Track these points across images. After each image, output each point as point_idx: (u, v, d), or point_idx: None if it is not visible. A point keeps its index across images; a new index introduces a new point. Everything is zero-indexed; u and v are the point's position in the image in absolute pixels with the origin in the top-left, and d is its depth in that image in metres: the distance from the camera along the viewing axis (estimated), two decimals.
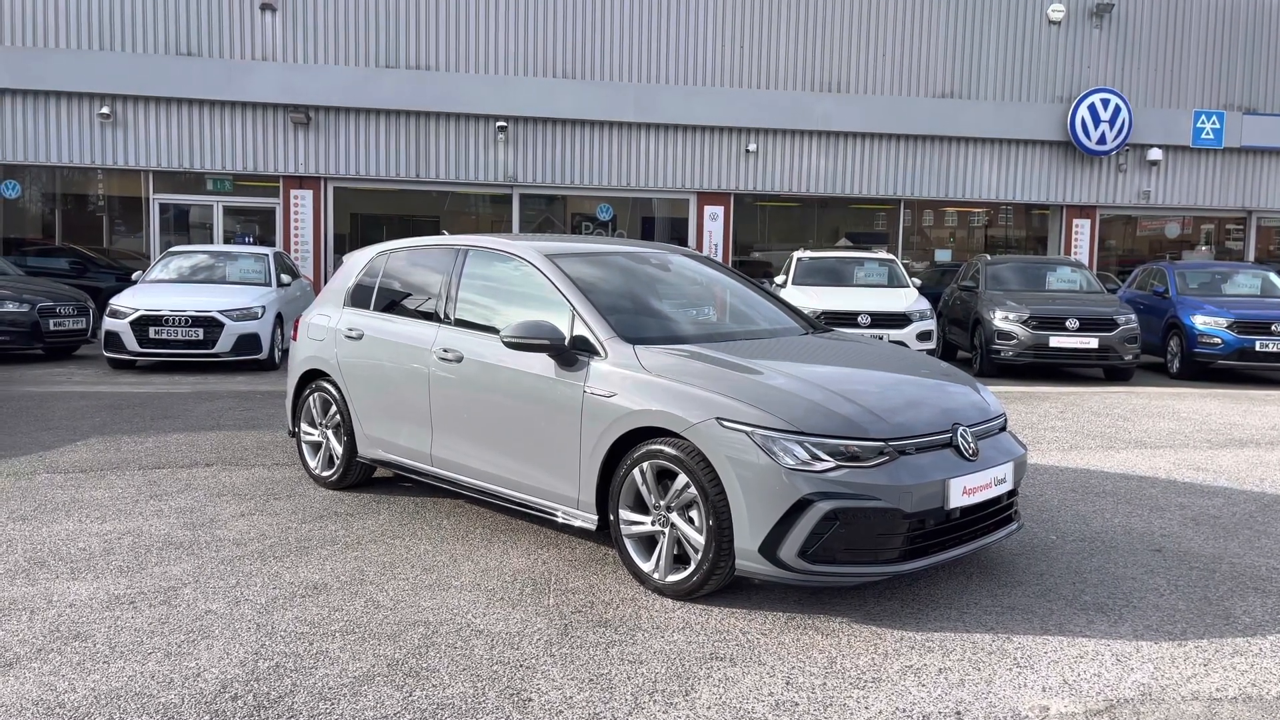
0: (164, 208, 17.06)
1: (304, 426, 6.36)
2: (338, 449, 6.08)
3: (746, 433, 4.03)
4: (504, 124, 17.04)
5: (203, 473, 6.58)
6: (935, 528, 4.15)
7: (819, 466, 3.96)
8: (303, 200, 17.01)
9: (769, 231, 19.98)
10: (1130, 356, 12.72)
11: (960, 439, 4.28)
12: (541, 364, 4.76)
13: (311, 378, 6.30)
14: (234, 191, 17.24)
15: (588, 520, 4.61)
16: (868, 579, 4.09)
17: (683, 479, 4.19)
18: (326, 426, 6.18)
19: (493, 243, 5.49)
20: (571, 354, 4.68)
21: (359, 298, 6.12)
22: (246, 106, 16.70)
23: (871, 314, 12.45)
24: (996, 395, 11.23)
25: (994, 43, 18.72)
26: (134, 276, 13.17)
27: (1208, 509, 6.02)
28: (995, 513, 4.50)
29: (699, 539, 4.16)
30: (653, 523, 4.36)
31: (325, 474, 6.20)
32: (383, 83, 16.80)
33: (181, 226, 17.43)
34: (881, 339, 12.15)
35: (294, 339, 6.59)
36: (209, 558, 4.79)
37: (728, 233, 18.22)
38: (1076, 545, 5.20)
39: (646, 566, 4.37)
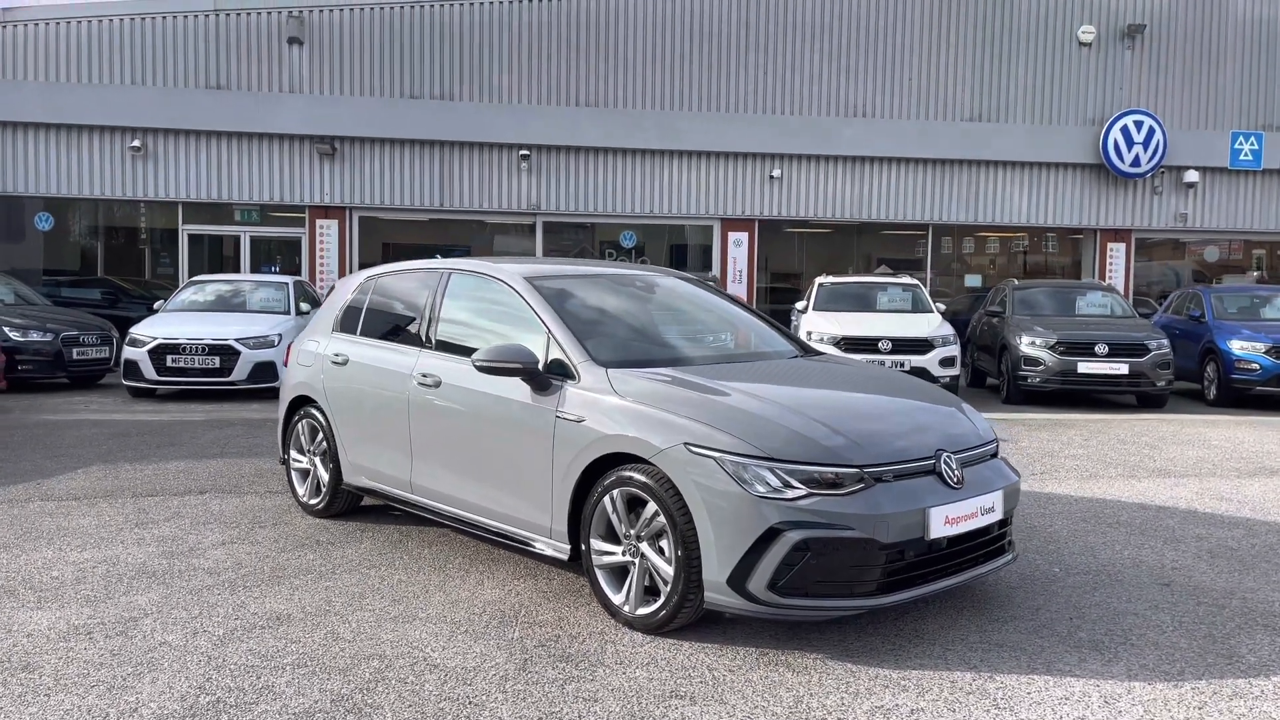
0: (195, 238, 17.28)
1: (293, 453, 6.29)
2: (324, 476, 5.99)
3: (715, 459, 3.86)
4: (527, 153, 17.07)
5: (193, 500, 6.52)
6: (916, 559, 3.95)
7: (790, 494, 3.78)
8: (328, 230, 17.12)
9: (804, 258, 19.81)
10: (1163, 383, 12.34)
11: (944, 466, 4.08)
12: (517, 389, 4.64)
13: (300, 404, 6.23)
14: (262, 222, 17.41)
15: (559, 550, 4.46)
16: (843, 613, 3.89)
17: (652, 507, 4.03)
18: (314, 453, 6.09)
19: (474, 265, 5.40)
20: (545, 378, 4.55)
21: (347, 323, 6.05)
22: (273, 138, 16.88)
23: (893, 340, 12.19)
24: (1021, 422, 11.00)
25: (1023, 65, 18.46)
26: (156, 305, 13.29)
27: (1226, 541, 5.73)
28: (985, 544, 4.28)
29: (668, 570, 3.99)
30: (623, 553, 4.20)
31: (312, 502, 6.11)
32: (407, 113, 16.92)
33: (215, 257, 17.62)
34: (903, 365, 11.95)
35: (285, 365, 6.54)
36: (179, 587, 4.70)
37: (752, 259, 18.06)
38: (1080, 579, 4.95)
39: (617, 599, 4.21)
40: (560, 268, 5.47)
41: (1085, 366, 12.26)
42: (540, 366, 4.57)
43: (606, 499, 4.20)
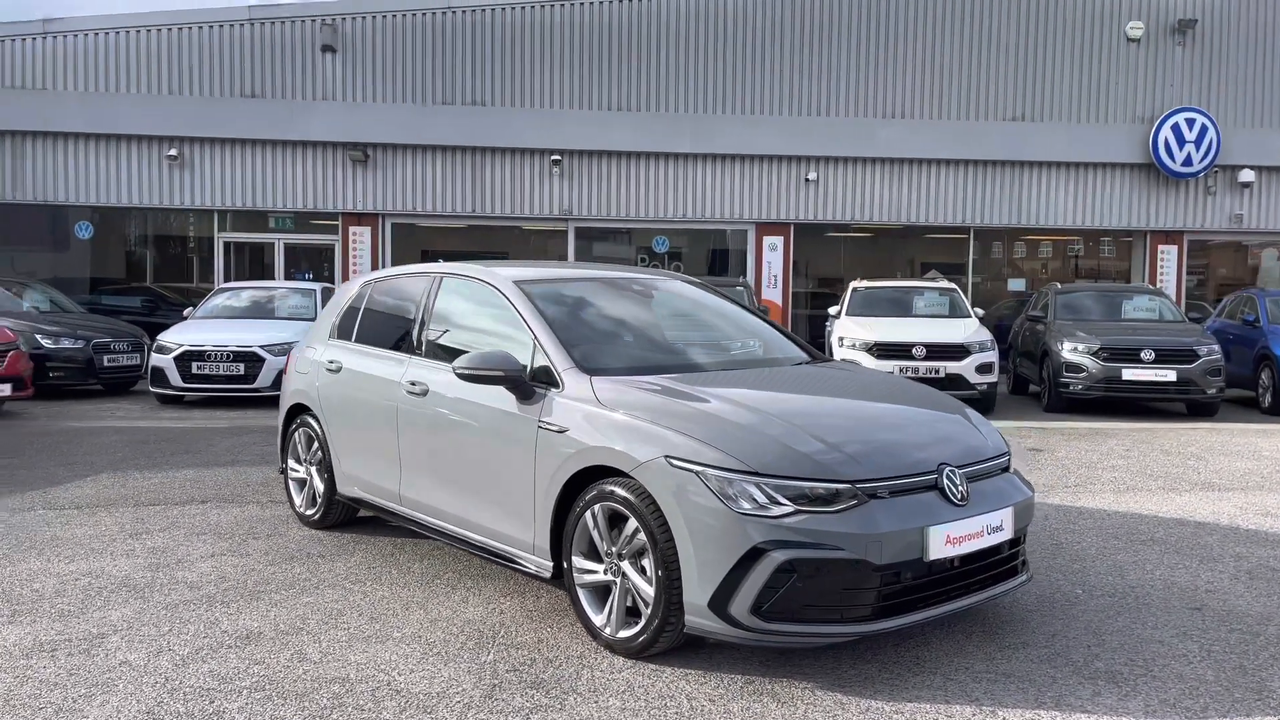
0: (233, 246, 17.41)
1: (290, 463, 6.15)
2: (320, 487, 5.84)
3: (697, 473, 3.62)
4: (558, 158, 16.94)
5: (193, 510, 6.41)
6: (914, 582, 3.67)
7: (776, 511, 3.52)
8: (361, 237, 17.13)
9: (847, 263, 19.47)
10: (1214, 390, 11.81)
11: (946, 481, 3.79)
12: (502, 398, 4.43)
13: (297, 412, 6.09)
14: (296, 229, 17.47)
15: (542, 567, 4.24)
16: (834, 640, 3.62)
17: (633, 523, 3.80)
18: (310, 463, 5.95)
19: (464, 269, 5.21)
20: (529, 386, 4.34)
21: (344, 329, 5.90)
22: (307, 145, 16.94)
23: (927, 345, 11.82)
24: (1059, 432, 10.57)
25: (1068, 63, 17.94)
26: (185, 313, 13.34)
27: (1267, 560, 5.34)
28: (993, 565, 3.98)
29: (649, 591, 3.75)
30: (605, 571, 3.96)
31: (308, 512, 5.96)
32: (439, 120, 16.88)
33: (257, 264, 17.67)
34: (937, 372, 11.59)
35: (285, 372, 6.41)
36: (156, 602, 4.56)
37: (788, 263, 17.74)
38: (1104, 601, 4.62)
39: (598, 620, 3.98)
40: (555, 271, 5.27)
41: (1130, 373, 11.78)
42: (526, 374, 4.37)
43: (588, 514, 3.97)
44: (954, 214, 17.98)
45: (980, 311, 13.41)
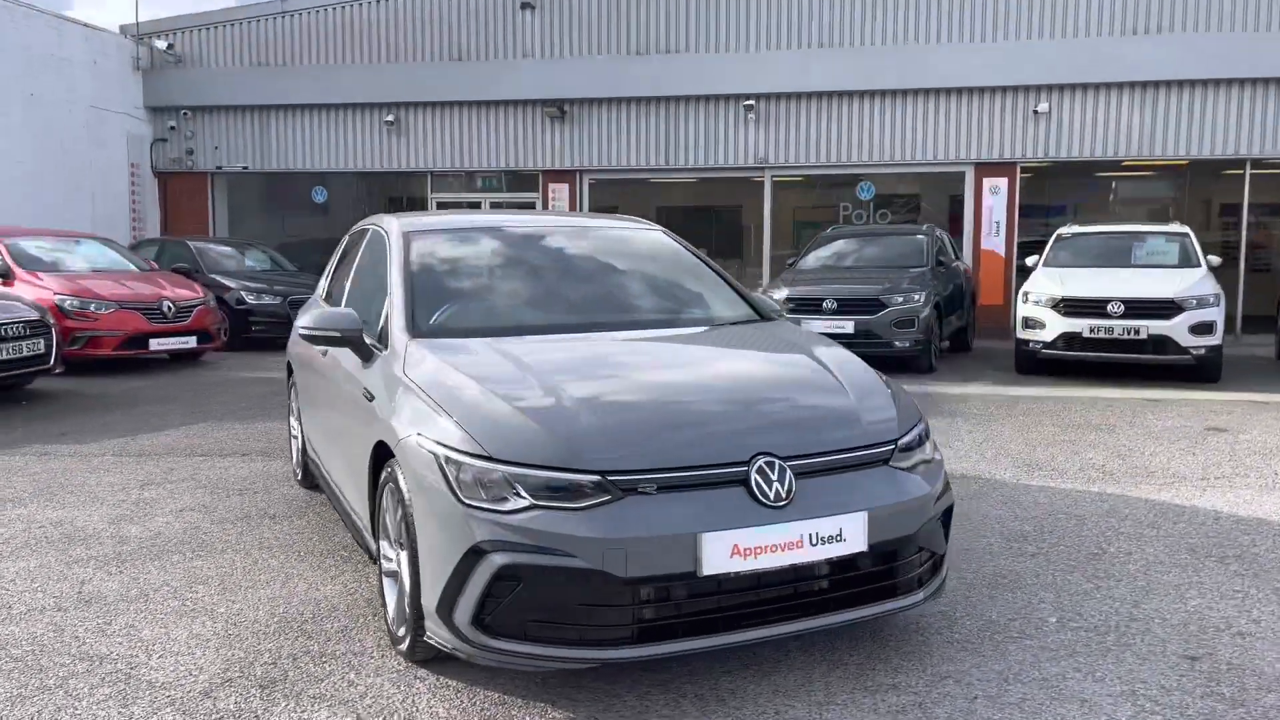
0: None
1: (290, 421, 6.12)
2: (299, 446, 5.76)
3: (434, 455, 3.06)
4: (751, 102, 16.06)
5: (224, 463, 6.56)
6: (692, 601, 2.90)
7: (508, 506, 2.90)
8: (560, 194, 17.22)
9: (1122, 206, 17.22)
10: None
11: (757, 475, 2.97)
12: (354, 360, 4.04)
13: (290, 372, 6.03)
14: (501, 188, 17.88)
15: (369, 548, 3.83)
16: (573, 664, 2.95)
17: (401, 510, 3.30)
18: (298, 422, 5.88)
19: (377, 220, 4.86)
20: (367, 348, 3.92)
21: (324, 287, 5.74)
22: (509, 105, 17.19)
23: (1125, 301, 10.01)
24: (1257, 403, 8.57)
25: None
26: None
27: None
28: (846, 583, 3.09)
29: (409, 589, 3.24)
30: (395, 561, 3.49)
31: (298, 471, 5.90)
32: (632, 71, 16.51)
33: None
34: (1137, 332, 9.85)
35: None
36: (69, 557, 4.62)
37: (1012, 208, 15.81)
38: (1073, 635, 3.52)
39: (390, 614, 3.52)
40: (463, 219, 4.80)
41: None
42: (366, 334, 3.95)
43: (384, 495, 3.51)
44: (1224, 144, 15.21)
45: (1216, 260, 11.21)
